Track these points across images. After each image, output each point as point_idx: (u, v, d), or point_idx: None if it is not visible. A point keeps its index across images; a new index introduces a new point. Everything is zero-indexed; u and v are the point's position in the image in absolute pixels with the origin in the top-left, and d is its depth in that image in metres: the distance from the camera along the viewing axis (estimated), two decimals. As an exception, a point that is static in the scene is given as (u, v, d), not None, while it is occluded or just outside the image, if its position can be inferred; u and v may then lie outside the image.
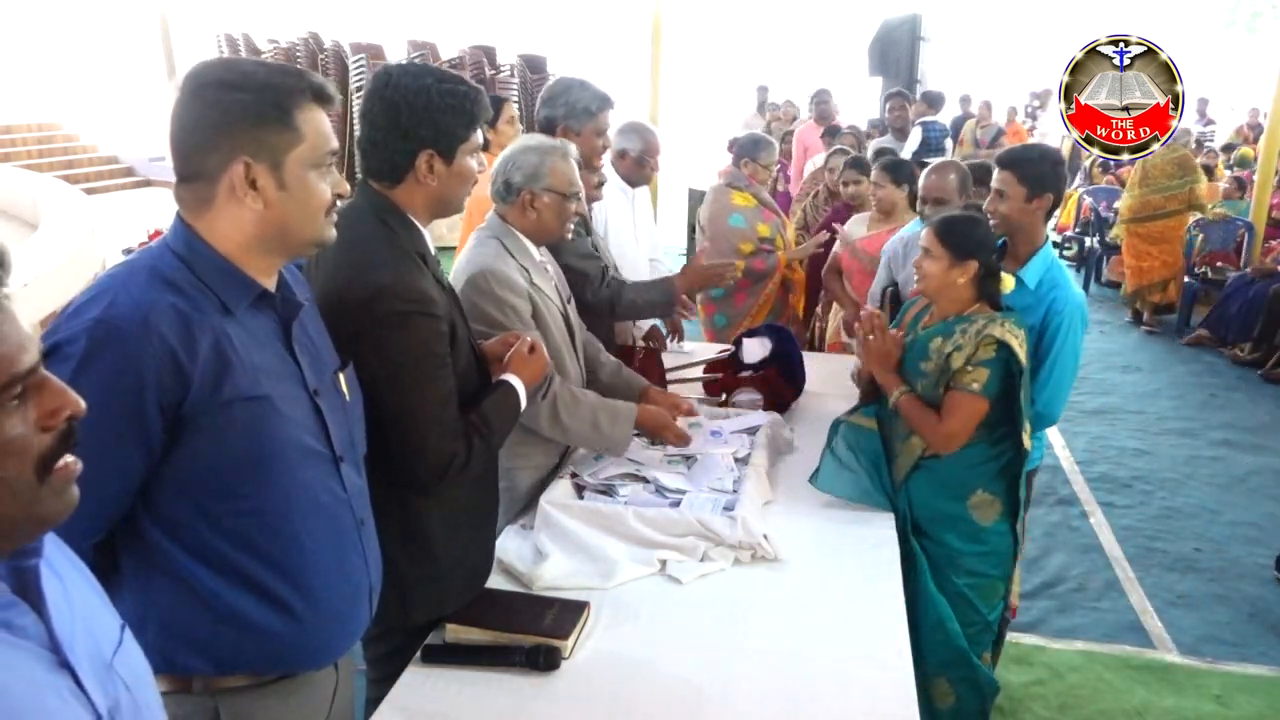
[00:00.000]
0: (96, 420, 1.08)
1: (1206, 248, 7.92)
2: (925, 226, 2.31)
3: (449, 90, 1.64)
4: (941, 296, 2.30)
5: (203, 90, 1.24)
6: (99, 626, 0.91)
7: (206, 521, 1.25)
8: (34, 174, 11.02)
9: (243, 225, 1.26)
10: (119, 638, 0.93)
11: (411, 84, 1.63)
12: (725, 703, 1.59)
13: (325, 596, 1.35)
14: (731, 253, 4.12)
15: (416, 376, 1.59)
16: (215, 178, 1.24)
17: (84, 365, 1.15)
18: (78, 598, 0.89)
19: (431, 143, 1.64)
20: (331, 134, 1.31)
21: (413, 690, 1.61)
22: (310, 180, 1.28)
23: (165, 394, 1.19)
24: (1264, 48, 22.66)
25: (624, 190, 3.42)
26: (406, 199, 1.68)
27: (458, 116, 1.65)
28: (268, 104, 1.23)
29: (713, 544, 2.02)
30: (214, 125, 1.23)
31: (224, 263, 1.26)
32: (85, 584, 0.94)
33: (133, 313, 1.18)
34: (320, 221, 1.31)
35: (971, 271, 2.24)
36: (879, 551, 2.11)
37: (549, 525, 2.05)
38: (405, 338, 1.58)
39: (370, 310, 1.55)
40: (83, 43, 17.31)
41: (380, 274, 1.58)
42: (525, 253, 2.20)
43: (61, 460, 0.81)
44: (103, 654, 0.88)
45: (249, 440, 1.25)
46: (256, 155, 1.23)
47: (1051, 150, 2.54)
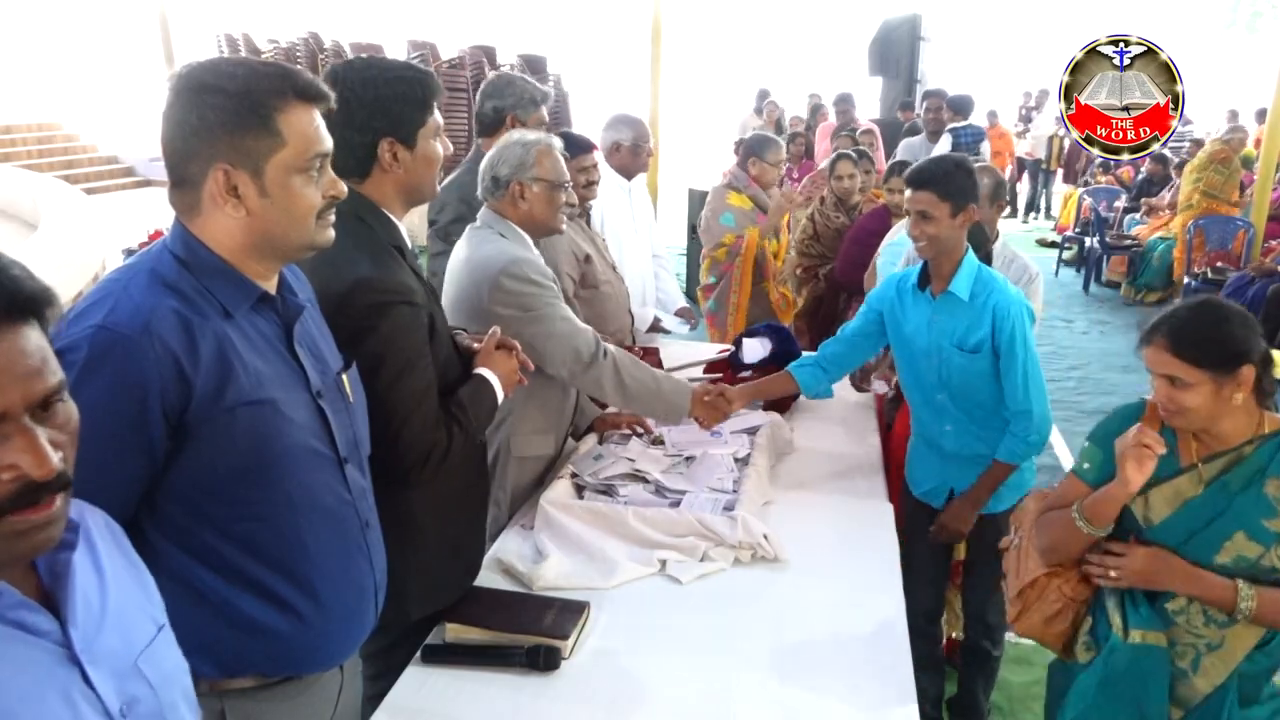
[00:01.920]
0: (99, 427, 1.09)
1: (1206, 248, 7.92)
2: (1145, 345, 1.68)
3: (396, 78, 1.66)
4: (1217, 426, 1.67)
5: (184, 93, 1.21)
6: (132, 624, 0.92)
7: (211, 526, 1.25)
8: (34, 174, 11.03)
9: (231, 232, 1.25)
10: (153, 636, 0.94)
11: (357, 77, 1.64)
12: (725, 703, 1.59)
13: (331, 598, 1.35)
14: (715, 245, 4.31)
15: (398, 367, 1.60)
16: (199, 185, 1.23)
17: (86, 373, 1.14)
18: (115, 593, 0.90)
19: (389, 131, 1.65)
20: (319, 135, 1.27)
21: (412, 690, 1.61)
22: (294, 186, 1.25)
23: (168, 400, 1.18)
24: (1264, 48, 22.67)
25: (620, 185, 3.44)
26: (377, 192, 1.68)
27: (408, 102, 1.66)
28: (245, 108, 1.20)
29: (713, 544, 2.02)
30: (194, 131, 1.20)
31: (222, 265, 1.25)
32: (131, 579, 0.95)
33: (134, 319, 1.17)
34: (309, 226, 1.28)
35: (1250, 379, 1.63)
36: (879, 552, 2.10)
37: (549, 525, 2.05)
38: (386, 328, 1.59)
39: (350, 302, 1.56)
40: (83, 43, 17.30)
41: (357, 267, 1.58)
42: (525, 243, 2.21)
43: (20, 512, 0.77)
44: (129, 652, 0.89)
45: (253, 445, 1.24)
46: (236, 162, 1.21)
47: (964, 159, 2.49)
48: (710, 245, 4.37)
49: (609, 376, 2.13)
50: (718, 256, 4.34)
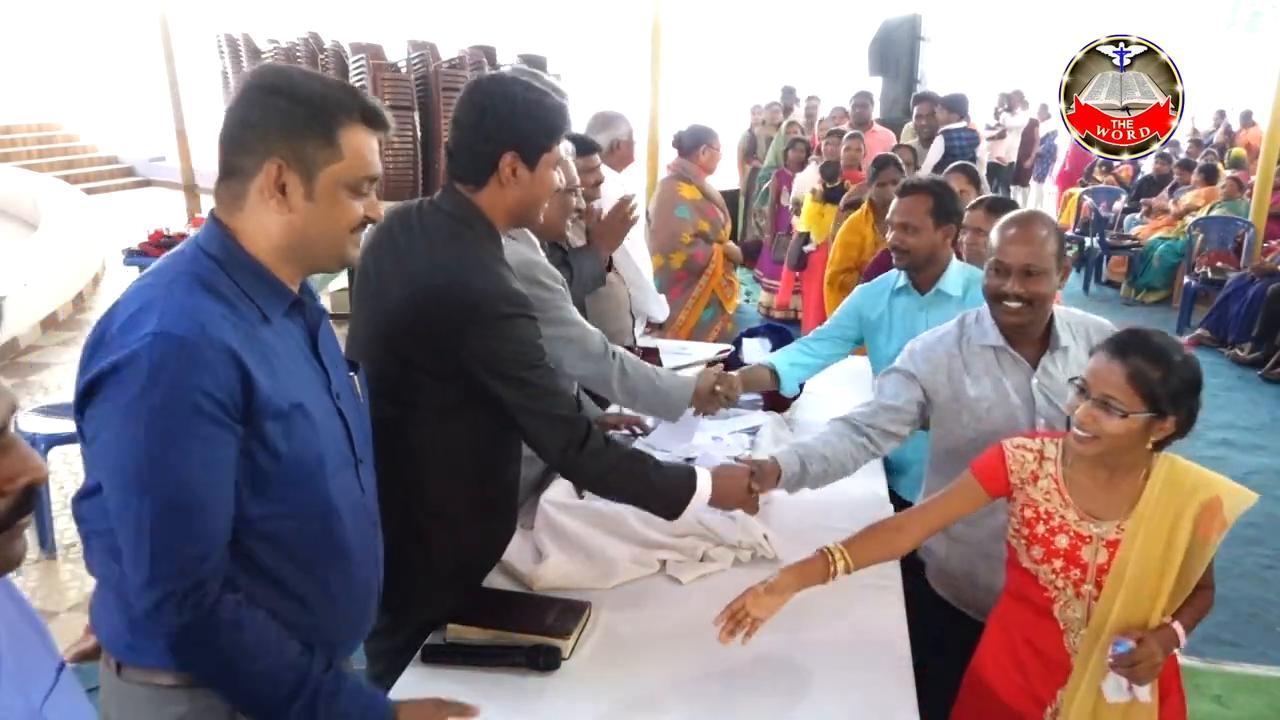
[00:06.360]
0: (187, 427, 1.14)
1: (1206, 248, 7.92)
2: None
3: (535, 99, 1.68)
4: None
5: (251, 92, 1.26)
6: (31, 671, 0.89)
7: (247, 525, 1.26)
8: (34, 174, 11.03)
9: (270, 230, 1.27)
10: (54, 680, 0.91)
11: (500, 89, 1.68)
12: (725, 703, 1.59)
13: (341, 596, 1.38)
14: (674, 241, 4.29)
15: (522, 369, 1.65)
16: (249, 177, 1.25)
17: (153, 381, 1.14)
18: (11, 642, 0.88)
19: (514, 146, 1.67)
20: (374, 161, 1.31)
21: (413, 690, 1.61)
22: (341, 198, 1.29)
23: (234, 398, 1.19)
24: (1264, 48, 22.66)
25: (617, 180, 3.46)
26: (489, 203, 1.71)
27: (541, 124, 1.69)
28: (310, 115, 1.25)
29: (712, 544, 2.02)
30: (254, 126, 1.25)
31: (259, 267, 1.28)
32: (25, 624, 0.93)
33: (189, 321, 1.17)
34: (345, 239, 1.32)
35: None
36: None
37: (549, 525, 2.05)
38: (513, 336, 1.64)
39: (476, 313, 1.60)
40: (83, 43, 17.30)
41: (483, 278, 1.62)
42: (533, 245, 2.21)
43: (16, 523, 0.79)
44: (32, 701, 0.87)
45: (288, 448, 1.26)
46: (290, 161, 1.24)
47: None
48: (667, 240, 4.32)
49: (616, 375, 2.14)
50: (674, 264, 4.33)
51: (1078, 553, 1.68)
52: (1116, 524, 1.66)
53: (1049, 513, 1.71)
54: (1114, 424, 1.57)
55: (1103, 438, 1.59)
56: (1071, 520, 1.69)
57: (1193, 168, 9.35)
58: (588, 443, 1.69)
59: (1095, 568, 1.67)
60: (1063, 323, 2.03)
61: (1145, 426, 1.58)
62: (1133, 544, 1.63)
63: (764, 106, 9.81)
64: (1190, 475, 1.65)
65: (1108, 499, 1.68)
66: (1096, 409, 1.59)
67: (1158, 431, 1.60)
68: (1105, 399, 1.58)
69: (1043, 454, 1.73)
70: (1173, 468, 1.66)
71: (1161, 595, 1.62)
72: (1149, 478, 1.66)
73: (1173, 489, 1.63)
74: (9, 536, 0.78)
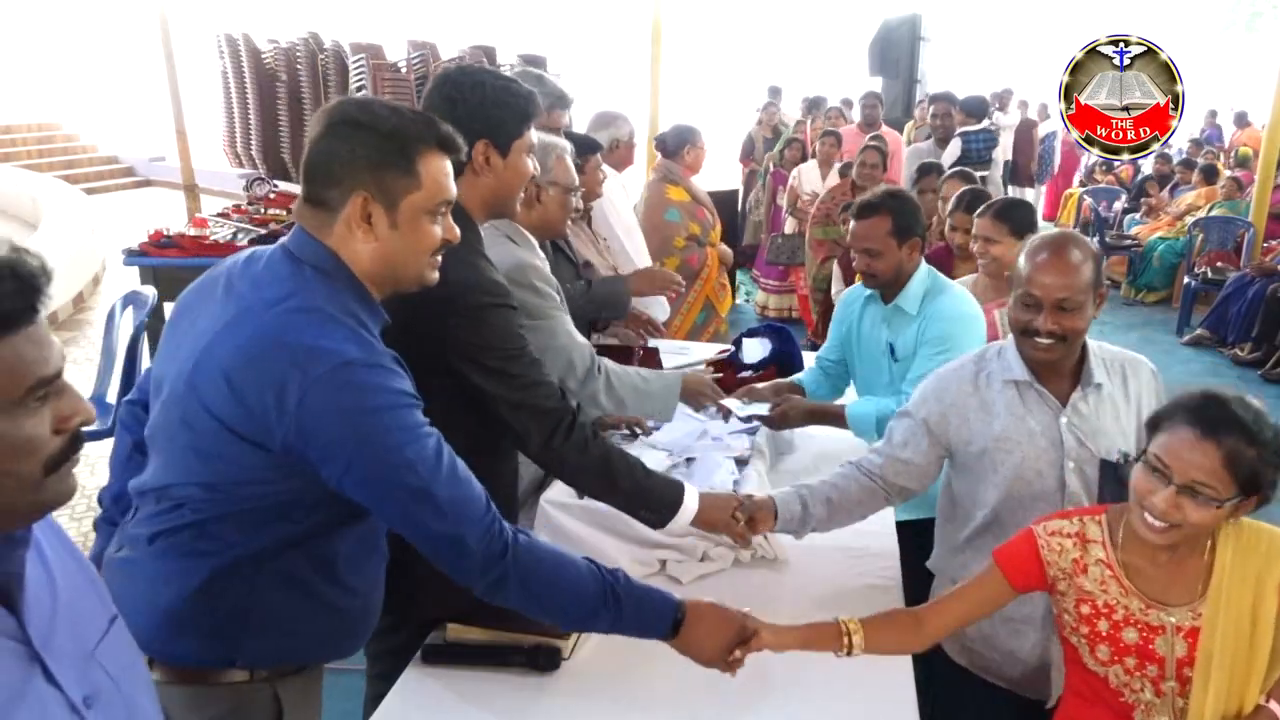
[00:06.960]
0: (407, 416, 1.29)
1: (1206, 248, 7.92)
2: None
3: (504, 86, 1.73)
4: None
5: (336, 126, 1.31)
6: (85, 617, 0.94)
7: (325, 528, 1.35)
8: (34, 174, 11.03)
9: (359, 257, 1.33)
10: (105, 628, 0.97)
11: (467, 79, 1.72)
12: (725, 704, 1.59)
13: (364, 592, 1.46)
14: (667, 246, 4.24)
15: (502, 360, 1.66)
16: (337, 209, 1.31)
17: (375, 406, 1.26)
18: (66, 588, 0.93)
19: (487, 134, 1.70)
20: (450, 185, 1.38)
21: (413, 690, 1.62)
22: (422, 224, 1.35)
23: None
24: (1264, 48, 22.66)
25: (617, 179, 3.47)
26: (465, 193, 1.69)
27: (511, 112, 1.73)
28: (393, 148, 1.31)
29: (713, 543, 2.02)
30: (341, 160, 1.30)
31: (362, 286, 1.35)
32: (79, 573, 0.98)
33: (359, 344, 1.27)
34: (425, 262, 1.39)
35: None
36: (879, 552, 2.10)
37: (549, 525, 2.05)
38: (491, 326, 1.65)
39: (453, 304, 1.61)
40: (83, 43, 17.29)
41: (458, 269, 1.62)
42: (533, 247, 2.21)
43: (70, 457, 0.86)
44: (85, 644, 0.92)
45: None
46: (375, 194, 1.30)
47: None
48: (659, 245, 4.23)
49: (603, 391, 2.12)
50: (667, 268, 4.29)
51: (1150, 647, 1.47)
52: (1190, 608, 1.45)
53: (1109, 605, 1.49)
54: (1203, 514, 1.35)
55: (1185, 526, 1.38)
56: (1137, 610, 1.47)
57: (1193, 167, 9.36)
58: (573, 433, 1.67)
59: (1174, 661, 1.45)
60: (1096, 358, 1.79)
61: (1233, 510, 1.38)
62: (1214, 631, 1.41)
63: (763, 108, 9.85)
64: (1264, 538, 1.44)
65: (1173, 581, 1.46)
66: (1183, 497, 1.35)
67: (1242, 510, 1.39)
68: (1193, 485, 1.35)
69: (1084, 536, 1.51)
70: (1240, 532, 1.45)
71: (1254, 677, 1.41)
72: (1215, 549, 1.44)
73: (1247, 556, 1.43)
74: (63, 474, 0.86)
